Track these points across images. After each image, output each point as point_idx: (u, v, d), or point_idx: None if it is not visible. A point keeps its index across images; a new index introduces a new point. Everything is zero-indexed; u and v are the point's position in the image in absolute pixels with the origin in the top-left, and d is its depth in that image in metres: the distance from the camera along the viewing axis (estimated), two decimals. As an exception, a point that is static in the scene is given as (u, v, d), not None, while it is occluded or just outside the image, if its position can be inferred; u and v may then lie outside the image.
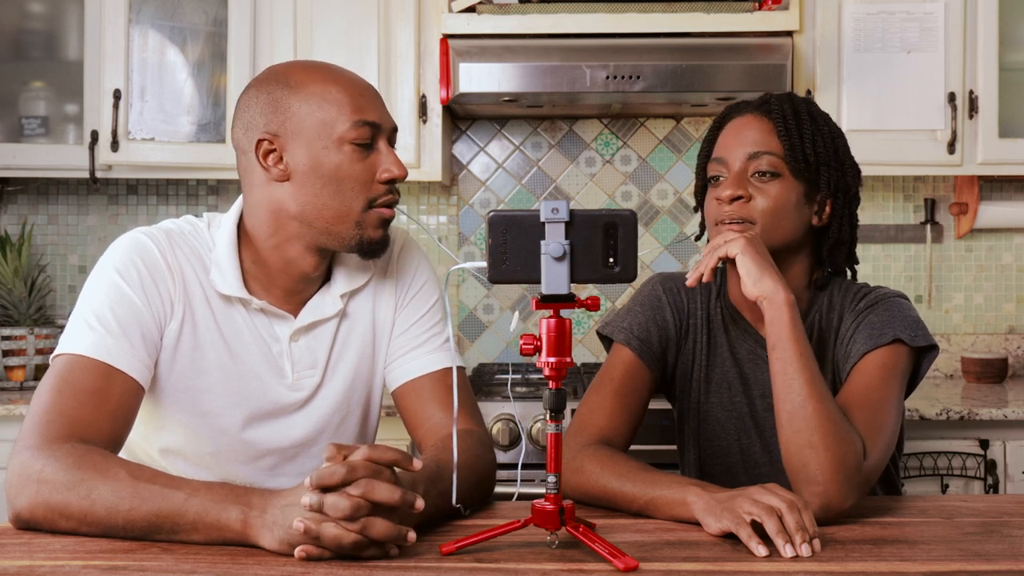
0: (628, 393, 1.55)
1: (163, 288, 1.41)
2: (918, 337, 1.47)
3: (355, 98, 1.40)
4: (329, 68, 1.44)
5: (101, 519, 1.19)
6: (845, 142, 1.58)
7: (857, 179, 1.58)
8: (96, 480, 1.20)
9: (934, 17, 2.73)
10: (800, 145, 1.52)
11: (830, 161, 1.53)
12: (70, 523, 1.21)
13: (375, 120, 1.41)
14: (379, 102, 1.44)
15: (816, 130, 1.54)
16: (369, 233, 1.42)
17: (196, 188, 3.15)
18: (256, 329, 1.46)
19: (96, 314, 1.36)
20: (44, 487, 1.21)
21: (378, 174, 1.41)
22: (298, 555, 1.11)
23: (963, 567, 1.11)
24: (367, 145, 1.41)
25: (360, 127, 1.39)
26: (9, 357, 2.74)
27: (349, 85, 1.41)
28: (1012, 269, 3.13)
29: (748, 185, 1.51)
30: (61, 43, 2.90)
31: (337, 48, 2.73)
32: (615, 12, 2.66)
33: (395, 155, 1.43)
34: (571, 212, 1.11)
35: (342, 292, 1.50)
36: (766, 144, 1.52)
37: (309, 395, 1.49)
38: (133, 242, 1.42)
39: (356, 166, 1.40)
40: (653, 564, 1.12)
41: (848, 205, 1.57)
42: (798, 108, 1.55)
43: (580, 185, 3.14)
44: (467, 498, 1.32)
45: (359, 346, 1.53)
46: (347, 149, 1.39)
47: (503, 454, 2.44)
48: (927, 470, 2.49)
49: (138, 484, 1.19)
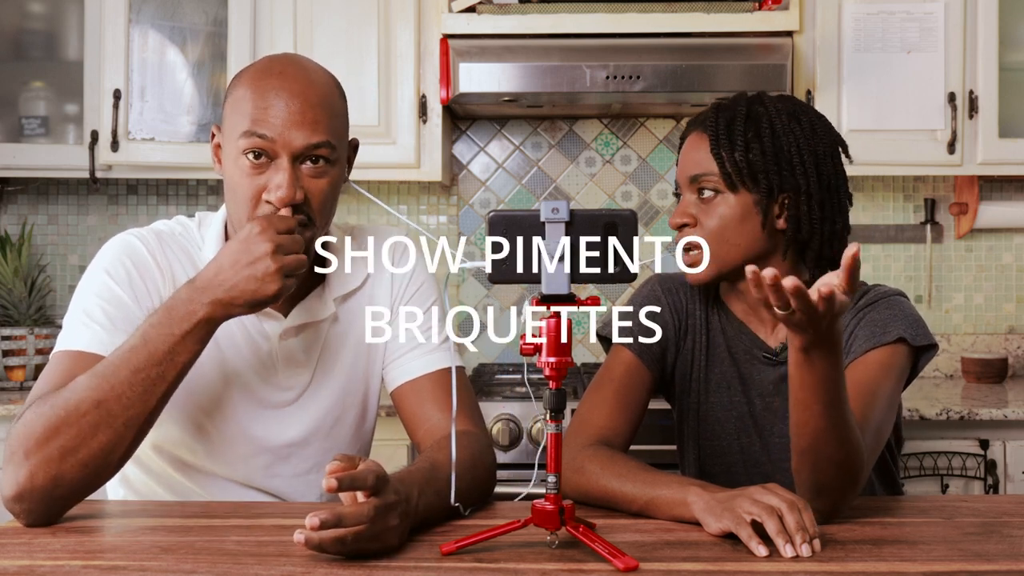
0: (628, 393, 1.55)
1: (152, 288, 1.41)
2: (919, 336, 1.47)
3: (259, 108, 1.33)
4: (268, 71, 1.37)
5: (98, 419, 1.22)
6: (802, 135, 1.51)
7: (818, 171, 1.51)
8: (60, 393, 1.24)
9: (934, 17, 2.73)
10: (732, 158, 1.49)
11: (769, 165, 1.49)
12: (72, 454, 1.22)
13: (266, 133, 1.32)
14: (293, 118, 1.33)
15: (756, 134, 1.49)
16: None
17: (196, 188, 3.15)
18: (245, 328, 1.45)
19: (88, 313, 1.36)
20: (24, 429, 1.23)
21: (265, 193, 1.34)
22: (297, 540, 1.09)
23: (963, 567, 1.11)
24: (260, 158, 1.34)
25: (250, 137, 1.33)
26: (9, 357, 2.74)
27: (264, 93, 1.34)
28: (1012, 269, 3.13)
29: (696, 207, 1.53)
30: (61, 43, 2.90)
31: (337, 48, 2.73)
32: (615, 12, 2.66)
33: (290, 177, 1.32)
34: (571, 212, 1.11)
35: (336, 296, 1.50)
36: (704, 165, 1.52)
37: (298, 394, 1.49)
38: (122, 244, 1.43)
39: (244, 180, 1.35)
40: (653, 564, 1.12)
41: (807, 202, 1.51)
42: (735, 116, 1.51)
43: (580, 185, 3.14)
44: (466, 498, 1.32)
45: (354, 348, 1.52)
46: (241, 162, 1.35)
47: (503, 454, 2.44)
48: (927, 470, 2.49)
49: (97, 368, 1.24)
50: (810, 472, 1.27)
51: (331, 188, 1.39)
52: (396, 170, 2.78)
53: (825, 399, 1.21)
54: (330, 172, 1.38)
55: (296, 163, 1.35)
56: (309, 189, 1.36)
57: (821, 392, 1.21)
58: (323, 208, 1.38)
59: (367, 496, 1.11)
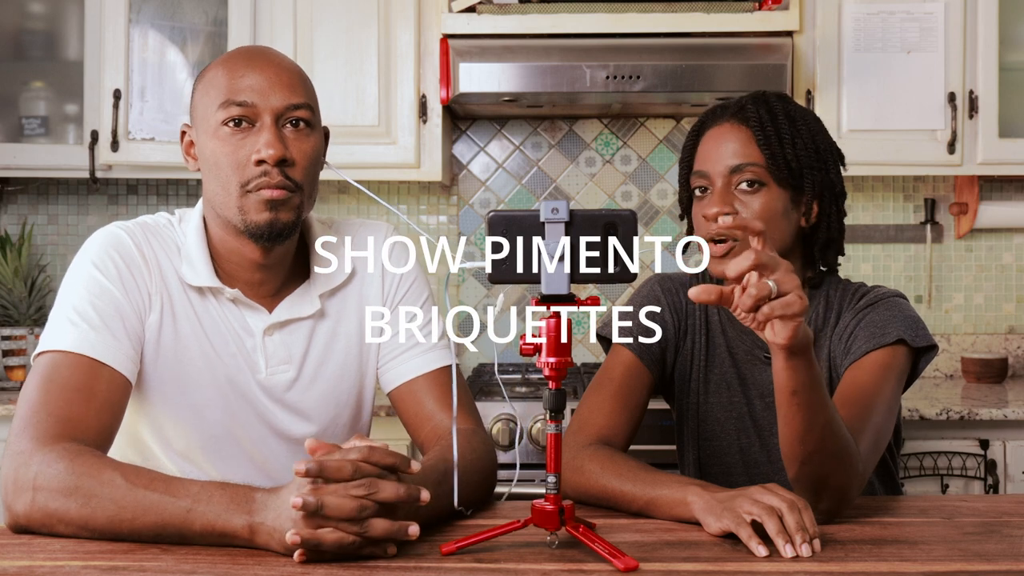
0: (627, 394, 1.55)
1: (140, 280, 1.40)
2: (919, 337, 1.47)
3: (232, 80, 1.36)
4: (236, 55, 1.41)
5: (102, 527, 1.18)
6: (825, 134, 1.55)
7: (840, 173, 1.56)
8: (92, 486, 1.18)
9: (934, 17, 2.73)
10: (781, 152, 1.49)
11: (812, 163, 1.51)
12: (70, 529, 1.20)
13: (245, 99, 1.35)
14: (269, 82, 1.36)
15: (795, 132, 1.51)
16: (252, 218, 1.37)
17: (196, 188, 3.15)
18: (230, 321, 1.45)
19: (76, 309, 1.35)
20: (40, 494, 1.20)
21: (254, 155, 1.35)
22: (297, 559, 1.10)
23: (963, 567, 1.11)
24: (240, 125, 1.36)
25: (227, 107, 1.35)
26: (9, 357, 2.74)
27: (235, 68, 1.37)
28: (1012, 269, 3.13)
29: (733, 199, 1.49)
30: (61, 43, 2.90)
31: (337, 48, 2.74)
32: (615, 12, 2.66)
33: (274, 135, 1.35)
34: (571, 212, 1.11)
35: (320, 292, 1.49)
36: (747, 155, 1.49)
37: (284, 391, 1.47)
38: (109, 236, 1.42)
39: (227, 148, 1.36)
40: (653, 564, 1.12)
41: (835, 202, 1.55)
42: (775, 111, 1.52)
43: (580, 185, 3.14)
44: (471, 498, 1.32)
45: (345, 347, 1.51)
46: (221, 133, 1.37)
47: (503, 454, 2.44)
48: (927, 470, 2.49)
49: (137, 491, 1.17)
50: (814, 474, 1.26)
51: (314, 153, 1.40)
52: (396, 170, 2.78)
53: (821, 391, 1.23)
54: (312, 136, 1.40)
55: (278, 126, 1.37)
56: (293, 152, 1.37)
57: (819, 386, 1.22)
58: (308, 173, 1.39)
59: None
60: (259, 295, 1.46)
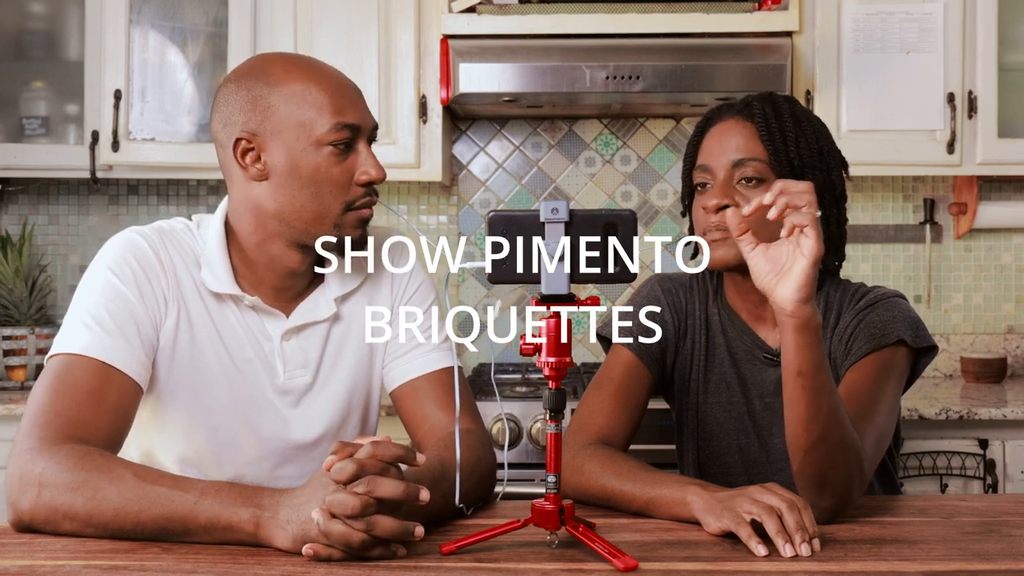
0: (627, 393, 1.55)
1: (157, 286, 1.40)
2: (919, 338, 1.48)
3: (335, 99, 1.38)
4: (310, 64, 1.42)
5: (107, 521, 1.19)
6: (829, 139, 1.56)
7: (843, 176, 1.57)
8: (100, 481, 1.19)
9: (933, 18, 2.73)
10: (784, 149, 1.49)
11: (815, 163, 1.51)
12: (74, 525, 1.20)
13: (355, 122, 1.39)
14: (360, 102, 1.42)
15: (800, 131, 1.51)
16: (348, 232, 1.42)
17: (196, 188, 3.16)
18: (248, 327, 1.45)
19: (92, 313, 1.35)
20: (46, 490, 1.20)
21: (356, 176, 1.40)
22: (306, 553, 1.11)
23: (963, 567, 1.11)
24: (346, 147, 1.39)
25: (340, 130, 1.38)
26: (10, 357, 2.74)
27: (330, 84, 1.39)
28: (1011, 269, 3.13)
29: (734, 193, 1.49)
30: (62, 43, 2.90)
31: (337, 48, 2.74)
32: (615, 12, 2.66)
33: (374, 157, 1.41)
34: (571, 212, 1.11)
35: (335, 296, 1.50)
36: (750, 150, 1.50)
37: (301, 395, 1.48)
38: (126, 241, 1.42)
39: (334, 169, 1.38)
40: (653, 564, 1.12)
41: (836, 204, 1.55)
42: (780, 109, 1.52)
43: (580, 185, 3.14)
44: (469, 497, 1.32)
45: (356, 349, 1.52)
46: (326, 151, 1.38)
47: (503, 454, 2.44)
48: (926, 470, 2.49)
49: (145, 485, 1.18)
50: (818, 465, 1.28)
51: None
52: (396, 170, 2.77)
53: (827, 376, 1.26)
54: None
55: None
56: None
57: (825, 371, 1.26)
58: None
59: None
60: (279, 300, 1.47)
